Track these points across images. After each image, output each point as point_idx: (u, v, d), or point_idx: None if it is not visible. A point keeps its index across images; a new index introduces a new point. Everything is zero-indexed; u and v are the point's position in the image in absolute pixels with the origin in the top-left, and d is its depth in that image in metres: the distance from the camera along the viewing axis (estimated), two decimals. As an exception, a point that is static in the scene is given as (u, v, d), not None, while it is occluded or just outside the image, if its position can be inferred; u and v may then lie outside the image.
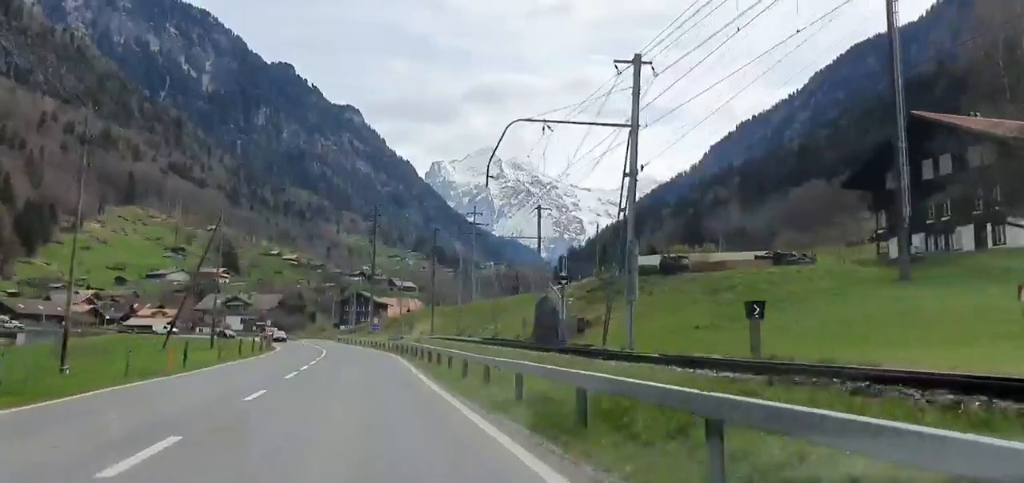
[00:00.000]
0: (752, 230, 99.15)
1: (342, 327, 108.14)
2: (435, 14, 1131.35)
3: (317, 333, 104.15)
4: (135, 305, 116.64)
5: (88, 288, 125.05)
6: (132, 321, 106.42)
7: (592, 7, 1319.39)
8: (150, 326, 64.64)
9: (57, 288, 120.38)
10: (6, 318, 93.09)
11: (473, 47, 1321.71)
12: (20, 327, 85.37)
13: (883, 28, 40.71)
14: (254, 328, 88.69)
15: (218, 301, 67.67)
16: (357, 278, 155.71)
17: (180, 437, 8.34)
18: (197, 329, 78.32)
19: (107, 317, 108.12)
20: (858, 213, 68.50)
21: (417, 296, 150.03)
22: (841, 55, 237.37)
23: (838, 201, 72.87)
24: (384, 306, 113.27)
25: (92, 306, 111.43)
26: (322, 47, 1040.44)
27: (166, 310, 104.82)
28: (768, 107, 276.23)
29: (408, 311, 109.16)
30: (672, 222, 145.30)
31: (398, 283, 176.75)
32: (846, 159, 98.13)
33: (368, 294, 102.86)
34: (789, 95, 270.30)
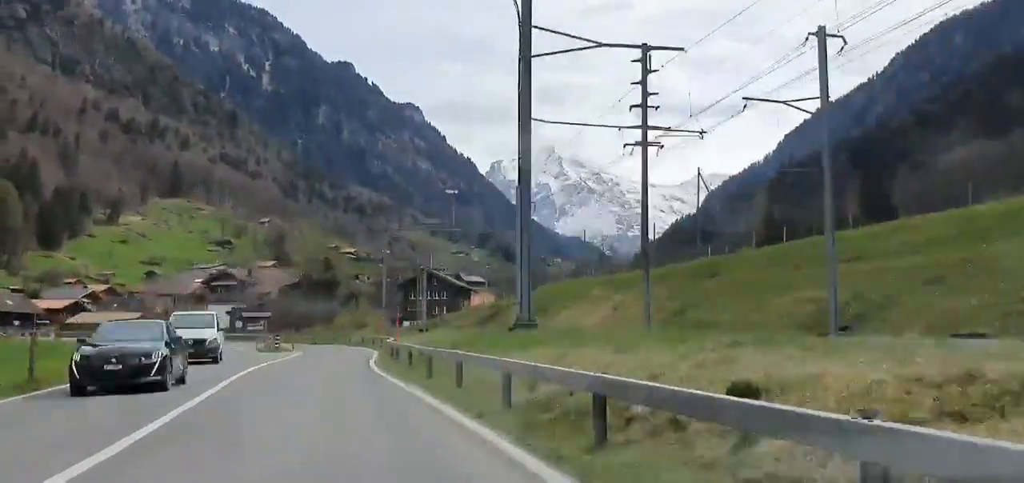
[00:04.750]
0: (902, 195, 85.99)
1: (406, 323, 76.82)
2: (488, 18, 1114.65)
3: (347, 332, 73.89)
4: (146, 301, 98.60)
5: (105, 284, 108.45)
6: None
7: (650, 3, 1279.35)
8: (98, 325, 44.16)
9: (70, 283, 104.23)
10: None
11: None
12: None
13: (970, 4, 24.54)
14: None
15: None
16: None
17: None
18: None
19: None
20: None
21: (487, 291, 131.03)
22: (925, 34, 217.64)
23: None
24: (466, 293, 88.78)
25: (76, 302, 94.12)
26: (379, 47, 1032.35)
27: (182, 307, 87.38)
28: (847, 91, 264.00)
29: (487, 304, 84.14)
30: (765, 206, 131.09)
31: (465, 277, 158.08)
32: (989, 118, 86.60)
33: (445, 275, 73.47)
34: (869, 79, 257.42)
